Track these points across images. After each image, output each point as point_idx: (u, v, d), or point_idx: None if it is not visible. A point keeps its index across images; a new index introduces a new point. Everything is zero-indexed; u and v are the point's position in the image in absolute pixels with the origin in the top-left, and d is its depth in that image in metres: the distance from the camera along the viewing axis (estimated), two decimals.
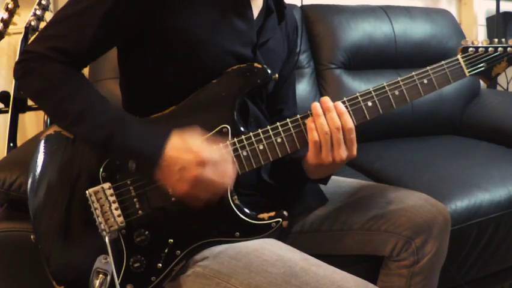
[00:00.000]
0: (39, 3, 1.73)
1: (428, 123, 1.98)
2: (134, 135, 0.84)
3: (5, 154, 1.64)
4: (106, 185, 0.88)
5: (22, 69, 0.87)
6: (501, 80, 2.54)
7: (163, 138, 0.83)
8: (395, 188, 1.11)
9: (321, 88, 1.90)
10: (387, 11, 2.03)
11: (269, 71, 0.92)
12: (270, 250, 0.87)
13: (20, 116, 1.75)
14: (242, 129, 0.91)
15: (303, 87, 1.85)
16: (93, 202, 0.88)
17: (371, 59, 1.95)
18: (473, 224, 1.36)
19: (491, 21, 2.53)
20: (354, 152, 0.90)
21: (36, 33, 1.72)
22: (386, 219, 1.03)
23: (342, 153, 0.88)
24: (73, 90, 0.85)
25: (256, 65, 0.92)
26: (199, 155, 0.81)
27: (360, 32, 1.94)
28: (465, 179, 1.46)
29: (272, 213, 0.92)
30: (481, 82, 2.25)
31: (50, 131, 0.94)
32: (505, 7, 2.47)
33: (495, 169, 1.53)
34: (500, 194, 1.41)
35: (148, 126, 0.87)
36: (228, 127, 0.90)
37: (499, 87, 2.54)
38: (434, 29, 2.04)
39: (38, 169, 0.92)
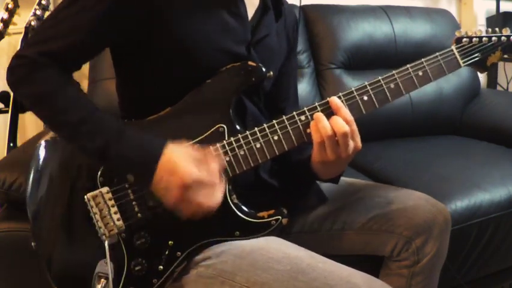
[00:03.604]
0: (39, 3, 1.72)
1: (428, 123, 1.98)
2: (130, 146, 0.84)
3: (5, 154, 1.63)
4: (104, 189, 0.88)
5: (14, 76, 0.86)
6: (501, 80, 2.54)
7: (156, 155, 0.82)
8: (395, 188, 1.11)
9: (321, 88, 1.90)
10: (387, 11, 2.03)
11: (263, 69, 0.91)
12: (275, 248, 0.86)
13: (20, 116, 1.75)
14: (238, 128, 0.91)
15: (303, 87, 1.85)
16: (92, 207, 0.87)
17: (371, 59, 1.95)
18: (473, 224, 1.36)
19: (491, 21, 2.52)
20: (359, 143, 0.90)
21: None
22: (386, 219, 1.03)
23: (348, 148, 0.88)
24: (69, 100, 0.85)
25: (250, 63, 0.92)
26: (183, 179, 0.81)
27: (360, 32, 1.94)
28: (465, 179, 1.46)
29: (271, 211, 0.91)
30: (481, 82, 2.25)
31: (47, 137, 0.94)
32: (505, 7, 2.46)
33: (495, 169, 1.53)
34: (500, 194, 1.41)
35: (144, 138, 0.86)
36: (224, 126, 0.90)
37: (499, 87, 2.53)
38: (434, 29, 2.03)
39: (36, 176, 0.92)
